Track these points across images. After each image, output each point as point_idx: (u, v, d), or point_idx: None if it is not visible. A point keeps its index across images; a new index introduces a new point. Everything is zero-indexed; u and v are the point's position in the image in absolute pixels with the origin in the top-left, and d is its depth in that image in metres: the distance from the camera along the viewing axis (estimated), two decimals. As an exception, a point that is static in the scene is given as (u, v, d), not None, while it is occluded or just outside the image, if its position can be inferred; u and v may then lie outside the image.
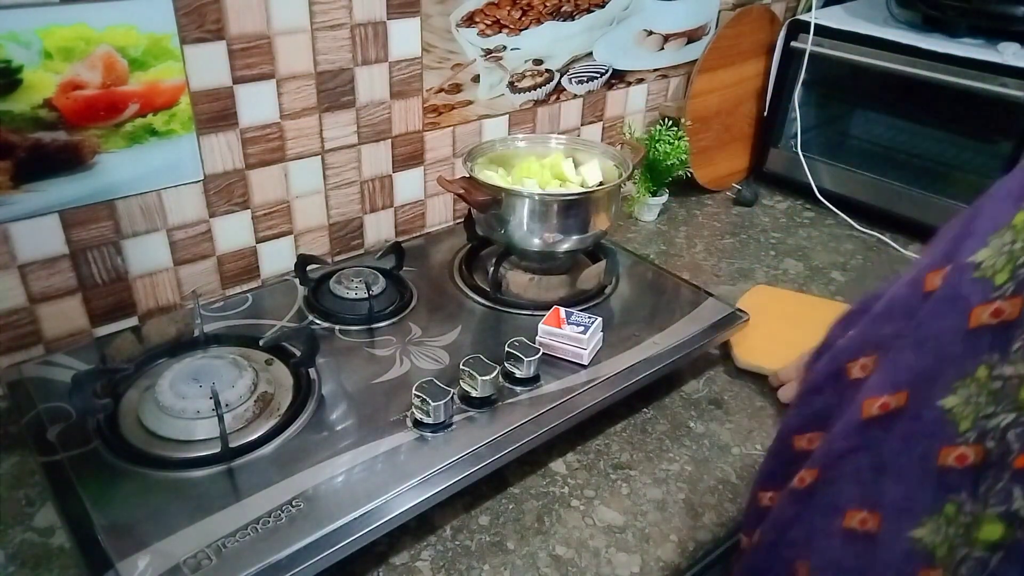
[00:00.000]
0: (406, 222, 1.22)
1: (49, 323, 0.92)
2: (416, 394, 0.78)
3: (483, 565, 0.74)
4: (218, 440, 0.74)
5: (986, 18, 1.28)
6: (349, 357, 0.90)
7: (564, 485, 0.83)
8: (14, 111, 0.81)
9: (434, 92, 1.15)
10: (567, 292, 1.04)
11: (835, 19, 1.41)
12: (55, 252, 0.89)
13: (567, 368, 0.89)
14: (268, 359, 0.88)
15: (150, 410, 0.78)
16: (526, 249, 1.03)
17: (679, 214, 1.44)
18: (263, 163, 1.02)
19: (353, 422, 0.80)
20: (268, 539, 0.66)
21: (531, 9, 1.20)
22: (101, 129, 0.87)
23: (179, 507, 0.69)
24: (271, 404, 0.81)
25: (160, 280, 0.99)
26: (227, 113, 0.96)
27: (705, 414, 0.94)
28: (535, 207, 0.98)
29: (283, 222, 1.08)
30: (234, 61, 0.93)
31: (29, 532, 0.75)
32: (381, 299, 0.99)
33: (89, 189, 0.89)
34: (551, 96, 1.31)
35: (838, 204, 1.45)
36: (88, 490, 0.70)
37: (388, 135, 1.13)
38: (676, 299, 1.06)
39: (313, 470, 0.73)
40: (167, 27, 0.87)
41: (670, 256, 1.29)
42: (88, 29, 0.82)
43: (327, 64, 1.02)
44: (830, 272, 1.27)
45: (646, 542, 0.77)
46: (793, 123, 1.50)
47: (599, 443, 0.89)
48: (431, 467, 0.74)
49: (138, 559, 0.64)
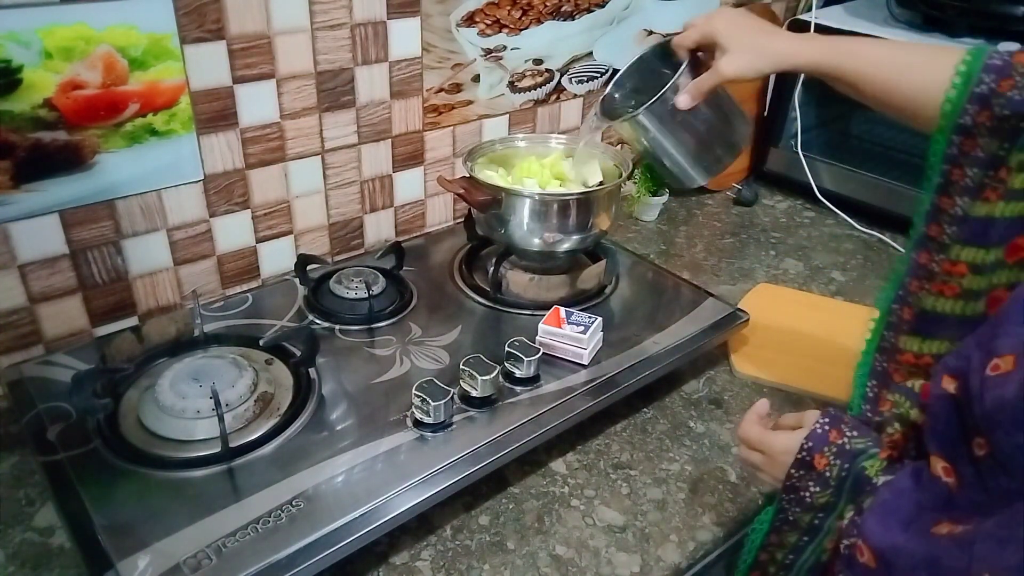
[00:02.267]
0: (406, 222, 1.22)
1: (49, 323, 0.92)
2: (416, 394, 0.78)
3: (483, 565, 0.74)
4: (218, 440, 0.74)
5: (986, 18, 1.28)
6: (349, 357, 0.90)
7: (564, 485, 0.83)
8: (14, 111, 0.81)
9: (434, 92, 1.15)
10: (567, 292, 1.04)
11: (835, 19, 1.41)
12: (55, 252, 0.89)
13: (567, 368, 0.89)
14: (268, 359, 0.88)
15: (150, 410, 0.78)
16: (526, 249, 1.03)
17: (679, 214, 1.44)
18: (263, 163, 1.02)
19: (353, 422, 0.80)
20: (268, 539, 0.66)
21: (531, 9, 1.20)
22: (101, 129, 0.87)
23: (179, 507, 0.69)
24: (271, 404, 0.81)
25: (160, 280, 0.99)
26: (227, 113, 0.96)
27: (705, 414, 0.94)
28: (535, 207, 0.98)
29: (283, 222, 1.08)
30: (234, 61, 0.93)
31: (29, 532, 0.75)
32: (381, 299, 0.99)
33: (89, 189, 0.89)
34: (551, 96, 1.31)
35: (838, 204, 1.45)
36: (88, 490, 0.70)
37: (388, 135, 1.13)
38: (676, 299, 1.06)
39: (313, 470, 0.73)
40: (167, 27, 0.87)
41: (670, 256, 1.29)
42: (88, 29, 0.82)
43: (327, 64, 1.02)
44: (830, 272, 1.27)
45: (646, 542, 0.77)
46: (793, 123, 1.50)
47: (599, 443, 0.89)
48: (431, 467, 0.74)
49: (138, 559, 0.64)
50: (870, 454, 0.64)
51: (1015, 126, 0.65)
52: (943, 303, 0.71)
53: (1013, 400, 0.48)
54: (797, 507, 0.68)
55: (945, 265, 0.70)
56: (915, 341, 0.74)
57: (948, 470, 0.54)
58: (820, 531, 0.67)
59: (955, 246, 0.69)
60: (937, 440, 0.55)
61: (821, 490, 0.65)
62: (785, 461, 0.68)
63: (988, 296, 0.68)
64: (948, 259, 0.70)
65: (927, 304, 0.72)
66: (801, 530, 0.68)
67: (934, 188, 0.70)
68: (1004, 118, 0.65)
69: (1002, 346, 0.51)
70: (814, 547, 0.68)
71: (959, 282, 0.69)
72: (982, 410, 0.50)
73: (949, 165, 0.69)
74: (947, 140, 0.68)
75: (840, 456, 0.65)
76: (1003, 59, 0.66)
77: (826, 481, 0.65)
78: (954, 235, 0.69)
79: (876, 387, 0.77)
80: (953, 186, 0.69)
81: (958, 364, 0.54)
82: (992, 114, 0.66)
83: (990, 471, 0.50)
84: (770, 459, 0.72)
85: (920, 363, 0.73)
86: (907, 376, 0.74)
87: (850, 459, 0.64)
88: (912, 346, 0.74)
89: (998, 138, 0.66)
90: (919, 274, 0.73)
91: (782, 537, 0.70)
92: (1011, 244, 0.66)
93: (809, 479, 0.66)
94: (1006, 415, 0.49)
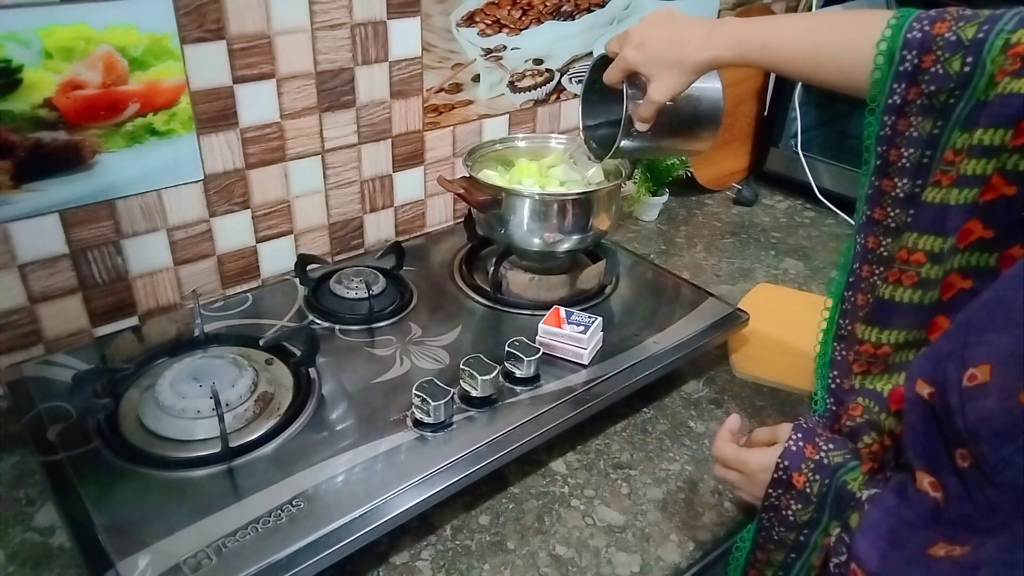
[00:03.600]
0: (406, 222, 1.22)
1: (49, 323, 0.92)
2: (416, 394, 0.78)
3: (483, 565, 0.74)
4: (218, 440, 0.74)
5: (986, 18, 1.28)
6: (349, 357, 0.90)
7: (564, 485, 0.83)
8: (14, 111, 0.81)
9: (434, 92, 1.15)
10: (567, 292, 1.04)
11: (835, 19, 1.40)
12: (55, 252, 0.89)
13: (567, 368, 0.89)
14: (268, 359, 0.88)
15: (150, 410, 0.78)
16: (526, 249, 1.03)
17: (679, 214, 1.44)
18: (263, 163, 1.02)
19: (353, 422, 0.80)
20: (268, 539, 0.66)
21: (531, 9, 1.20)
22: (101, 129, 0.87)
23: (179, 507, 0.69)
24: (271, 404, 0.81)
25: (160, 280, 0.99)
26: (227, 113, 0.96)
27: (705, 414, 0.94)
28: (535, 207, 0.98)
29: (283, 222, 1.08)
30: (234, 61, 0.93)
31: (29, 532, 0.75)
32: (381, 299, 0.99)
33: (89, 189, 0.89)
34: (551, 96, 1.31)
35: (838, 204, 1.45)
36: (88, 490, 0.70)
37: (388, 135, 1.13)
38: (676, 299, 1.06)
39: (313, 470, 0.73)
40: (167, 27, 0.87)
41: (670, 256, 1.29)
42: (88, 29, 0.82)
43: (327, 64, 1.02)
44: (830, 272, 1.27)
45: (646, 542, 0.77)
46: (793, 123, 1.50)
47: (599, 443, 0.89)
48: (431, 467, 0.74)
49: (138, 559, 0.64)
50: (850, 467, 0.63)
51: (944, 102, 0.63)
52: (901, 292, 0.69)
53: (994, 412, 0.47)
54: (781, 526, 0.67)
55: (902, 253, 0.68)
56: (872, 331, 0.72)
57: (935, 484, 0.53)
58: (807, 547, 0.67)
59: (910, 234, 0.67)
60: (919, 452, 0.54)
61: (803, 507, 0.65)
62: (763, 479, 0.68)
63: (942, 282, 0.67)
64: (905, 247, 0.68)
65: (884, 293, 0.70)
66: (787, 547, 0.68)
67: (872, 170, 0.69)
68: (932, 94, 0.63)
69: (977, 355, 0.50)
70: (802, 563, 0.67)
71: (917, 271, 0.67)
72: (964, 423, 0.49)
73: (885, 146, 0.67)
74: (879, 121, 0.66)
75: (819, 471, 0.64)
76: (923, 30, 0.63)
77: (807, 498, 0.64)
78: (904, 221, 0.67)
79: (838, 377, 0.76)
80: (891, 167, 0.68)
81: (932, 371, 0.53)
82: (920, 91, 0.64)
83: (976, 483, 0.50)
84: (748, 477, 0.71)
85: (879, 353, 0.72)
86: (867, 366, 0.73)
87: (830, 474, 0.63)
88: (870, 335, 0.72)
89: (931, 116, 0.64)
90: (869, 259, 0.72)
91: (769, 555, 0.70)
92: (963, 228, 0.64)
93: (789, 497, 0.66)
94: (989, 427, 0.48)
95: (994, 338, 0.50)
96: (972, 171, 0.62)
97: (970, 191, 0.63)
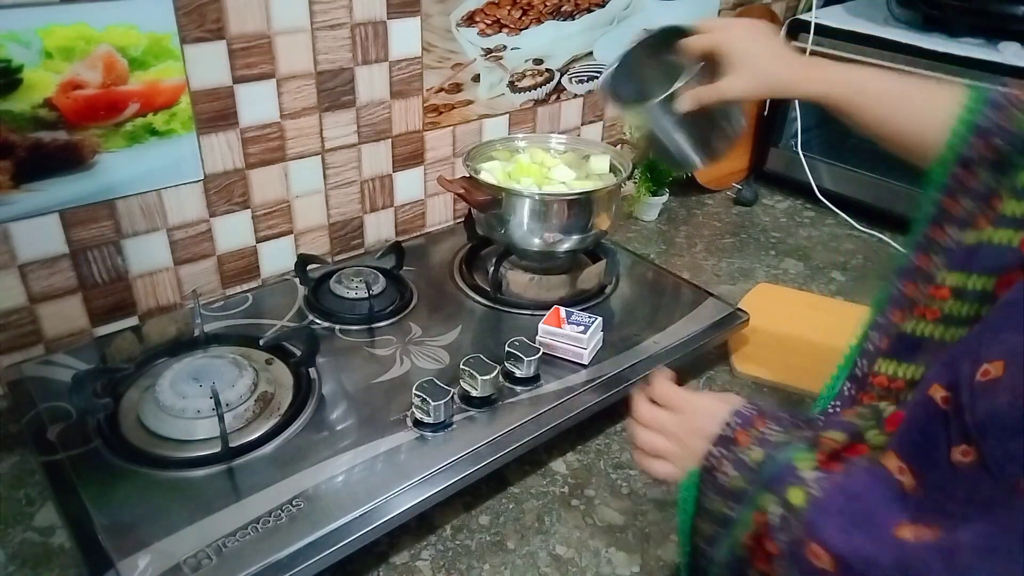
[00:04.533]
0: (406, 222, 1.22)
1: (49, 323, 0.92)
2: (416, 394, 0.78)
3: (483, 564, 0.74)
4: (218, 440, 0.74)
5: (986, 18, 1.28)
6: (349, 357, 0.90)
7: (564, 485, 0.83)
8: (14, 111, 0.81)
9: (434, 92, 1.15)
10: (567, 292, 1.04)
11: (835, 18, 1.41)
12: (55, 252, 0.89)
13: (567, 368, 0.89)
14: (268, 359, 0.88)
15: (150, 410, 0.78)
16: (526, 249, 1.03)
17: (679, 214, 1.44)
18: (263, 163, 1.02)
19: (353, 422, 0.80)
20: (268, 539, 0.66)
21: (531, 9, 1.20)
22: (101, 129, 0.87)
23: (179, 507, 0.69)
24: (271, 404, 0.82)
25: (160, 280, 0.99)
26: (227, 113, 0.96)
27: (705, 414, 0.94)
28: (535, 207, 0.98)
29: (283, 222, 1.08)
30: (234, 61, 0.93)
31: (29, 532, 0.75)
32: (381, 299, 0.99)
33: (89, 189, 0.89)
34: (551, 96, 1.31)
35: (838, 204, 1.45)
36: (88, 490, 0.70)
37: (388, 135, 1.13)
38: (676, 299, 1.06)
39: (313, 470, 0.73)
40: (167, 27, 0.87)
41: (670, 256, 1.29)
42: (88, 29, 0.82)
43: (327, 64, 1.02)
44: (830, 272, 1.27)
45: (646, 542, 0.77)
46: (793, 123, 1.50)
47: (599, 443, 0.89)
48: (431, 467, 0.74)
49: (138, 558, 0.64)
50: (799, 447, 0.60)
51: (1007, 158, 0.66)
52: (923, 326, 0.70)
53: (1005, 407, 0.48)
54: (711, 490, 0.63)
55: (930, 290, 0.70)
56: (891, 364, 0.72)
57: (903, 469, 0.53)
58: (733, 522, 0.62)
59: (940, 272, 0.69)
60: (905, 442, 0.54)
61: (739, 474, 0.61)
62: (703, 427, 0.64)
63: None
64: (933, 285, 0.69)
65: (907, 328, 0.71)
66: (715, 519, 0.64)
67: (928, 218, 0.71)
68: (1000, 150, 0.66)
69: (991, 352, 0.50)
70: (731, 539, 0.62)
71: (940, 306, 0.69)
72: (973, 418, 0.49)
73: (946, 196, 0.69)
74: (947, 171, 0.69)
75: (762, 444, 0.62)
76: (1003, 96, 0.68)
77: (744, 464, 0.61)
78: (940, 263, 0.69)
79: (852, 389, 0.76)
80: (947, 217, 0.69)
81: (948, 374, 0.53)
82: (992, 146, 0.67)
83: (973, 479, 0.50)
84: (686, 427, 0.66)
85: (892, 387, 0.72)
86: (877, 399, 0.72)
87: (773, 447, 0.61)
88: (887, 369, 0.73)
89: (995, 171, 0.67)
90: (903, 304, 0.72)
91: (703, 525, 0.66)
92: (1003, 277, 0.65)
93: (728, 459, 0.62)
94: (998, 422, 0.48)
95: (1008, 336, 0.50)
96: (1011, 212, 0.65)
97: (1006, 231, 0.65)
